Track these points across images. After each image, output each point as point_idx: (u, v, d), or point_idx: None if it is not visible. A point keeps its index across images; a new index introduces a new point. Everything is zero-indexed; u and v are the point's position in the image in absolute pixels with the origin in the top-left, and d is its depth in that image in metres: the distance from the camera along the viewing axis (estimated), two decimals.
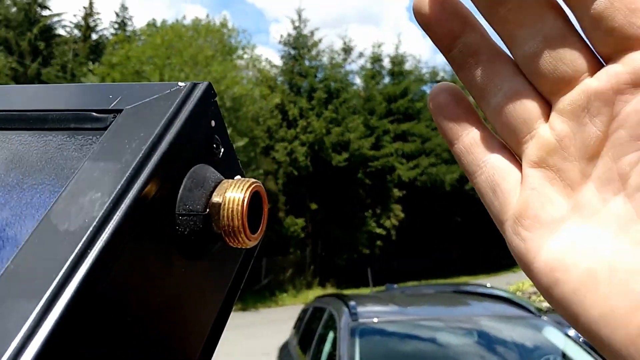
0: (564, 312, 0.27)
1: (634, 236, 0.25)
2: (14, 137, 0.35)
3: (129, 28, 23.14)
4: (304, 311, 4.88)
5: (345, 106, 20.46)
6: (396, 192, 20.89)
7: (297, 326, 4.85)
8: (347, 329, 3.04)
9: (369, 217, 20.38)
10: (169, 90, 0.33)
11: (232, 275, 0.38)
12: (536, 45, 0.27)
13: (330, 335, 3.38)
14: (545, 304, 6.96)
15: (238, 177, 0.34)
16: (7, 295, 0.24)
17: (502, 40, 0.28)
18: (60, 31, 22.36)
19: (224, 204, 0.31)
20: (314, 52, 21.32)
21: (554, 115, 0.27)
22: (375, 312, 3.34)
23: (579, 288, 0.26)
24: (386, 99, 21.93)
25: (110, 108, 0.33)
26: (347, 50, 22.58)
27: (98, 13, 25.01)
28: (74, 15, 27.42)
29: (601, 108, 0.26)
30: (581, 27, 0.26)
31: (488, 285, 5.43)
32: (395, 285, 5.45)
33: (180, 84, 0.33)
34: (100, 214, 0.26)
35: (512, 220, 0.28)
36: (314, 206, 19.41)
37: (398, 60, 23.44)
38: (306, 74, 20.78)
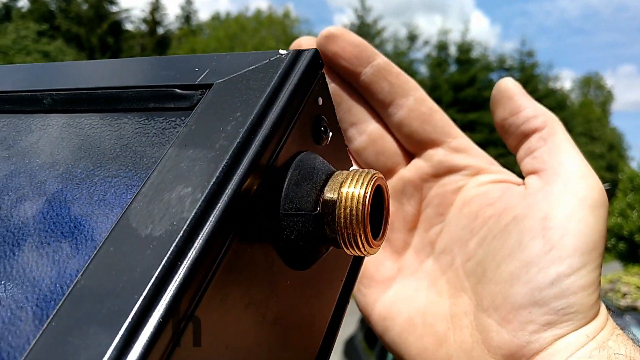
0: (394, 353, 0.34)
1: (440, 288, 0.33)
2: (82, 120, 0.30)
3: (194, 22, 23.50)
4: None
5: None
6: None
7: (362, 321, 4.67)
8: None
9: None
10: (267, 60, 0.27)
11: (340, 286, 0.32)
12: (363, 141, 0.35)
13: None
14: (623, 303, 6.52)
15: (354, 167, 0.31)
16: (77, 321, 0.18)
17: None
18: (128, 26, 22.93)
19: (340, 202, 0.25)
20: (377, 41, 21.01)
21: None
22: None
23: (402, 332, 0.33)
24: (453, 87, 21.40)
25: (197, 83, 0.27)
26: (412, 38, 22.18)
27: (164, 8, 25.50)
28: (141, 11, 28.07)
29: (413, 192, 0.35)
30: (391, 130, 0.35)
31: None
32: None
33: (281, 51, 0.28)
34: (192, 214, 0.20)
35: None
36: None
37: (465, 48, 22.82)
38: None
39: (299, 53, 0.27)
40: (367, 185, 0.24)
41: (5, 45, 14.77)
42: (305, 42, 0.35)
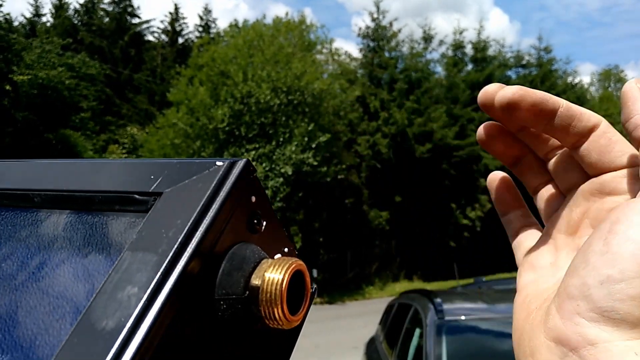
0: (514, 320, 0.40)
1: (559, 276, 0.37)
2: (64, 217, 0.38)
3: (213, 30, 23.79)
4: (389, 307, 4.86)
5: (427, 96, 20.22)
6: (482, 182, 20.37)
7: (383, 321, 4.84)
8: (433, 326, 3.00)
9: (455, 209, 20.04)
10: (206, 171, 0.33)
11: (280, 350, 0.38)
12: (554, 162, 0.42)
13: (417, 332, 3.35)
14: None
15: (278, 255, 0.35)
16: None
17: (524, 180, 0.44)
18: (149, 37, 23.33)
19: (263, 286, 0.31)
20: (393, 43, 21.17)
21: (572, 202, 0.40)
22: (462, 309, 3.28)
23: (519, 304, 0.40)
24: (469, 86, 21.41)
25: (151, 191, 0.34)
26: (428, 38, 22.25)
27: (184, 17, 25.85)
28: (161, 22, 28.49)
29: (582, 202, 0.39)
30: (575, 158, 0.39)
31: None
32: (484, 278, 5.33)
33: (218, 162, 0.34)
34: (137, 310, 0.26)
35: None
36: (398, 198, 19.32)
37: (481, 47, 22.86)
38: (386, 65, 20.66)
39: (232, 163, 0.33)
40: (285, 271, 0.31)
41: (31, 60, 15.23)
42: (492, 90, 0.40)
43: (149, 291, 0.27)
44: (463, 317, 3.12)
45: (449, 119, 20.15)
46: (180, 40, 23.76)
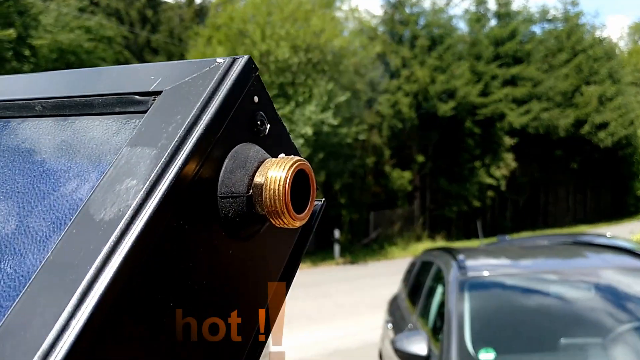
0: None
1: None
2: (65, 123, 0.37)
3: None
4: (412, 264, 4.81)
5: (450, 52, 19.74)
6: (507, 140, 20.08)
7: (405, 279, 4.79)
8: (455, 282, 2.92)
9: (479, 168, 19.76)
10: (207, 68, 0.33)
11: (288, 253, 0.37)
12: None
13: (439, 289, 3.28)
14: None
15: (282, 155, 0.34)
16: (44, 288, 0.25)
17: None
18: None
19: (266, 184, 0.30)
20: None
21: None
22: (485, 266, 3.20)
23: None
24: (493, 42, 20.93)
25: (150, 90, 0.34)
26: None
27: None
28: None
29: None
30: None
31: (608, 234, 5.04)
32: (507, 237, 5.20)
33: (218, 60, 0.33)
34: (135, 202, 0.26)
35: None
36: (420, 158, 19.10)
37: (504, 1, 22.20)
38: (407, 21, 20.17)
39: (233, 60, 0.33)
40: (288, 169, 0.30)
41: (48, 24, 15.09)
42: None
43: (148, 182, 0.27)
44: (486, 273, 3.03)
45: (472, 76, 19.73)
46: (198, 0, 23.47)
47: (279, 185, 0.30)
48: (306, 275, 10.77)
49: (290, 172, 0.30)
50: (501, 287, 3.00)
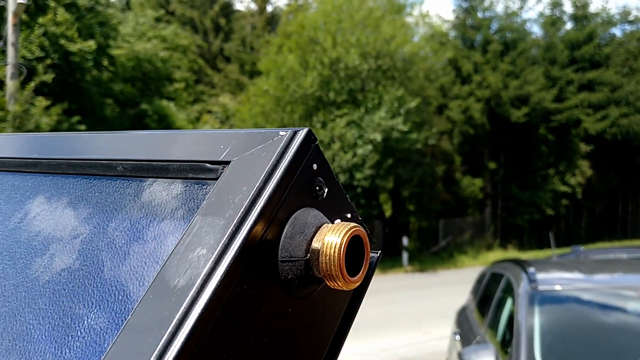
0: None
1: None
2: (144, 184, 0.41)
3: None
4: (482, 276, 4.75)
5: (523, 57, 19.30)
6: (582, 147, 19.40)
7: (475, 290, 4.73)
8: (525, 296, 2.87)
9: (552, 175, 19.17)
10: (270, 140, 0.36)
11: (342, 311, 0.39)
12: None
13: (509, 301, 3.23)
14: None
15: (338, 221, 0.37)
16: (126, 349, 0.29)
17: None
18: (239, 6, 23.60)
19: (323, 250, 0.33)
20: (487, 2, 20.27)
21: None
22: (557, 279, 3.12)
23: None
24: (569, 46, 20.29)
25: (220, 160, 0.37)
26: None
27: None
28: None
29: None
30: None
31: None
32: (582, 248, 5.04)
33: (281, 132, 0.36)
34: (205, 270, 0.29)
35: None
36: (492, 165, 18.72)
37: (581, 3, 21.48)
38: (479, 26, 19.85)
39: (295, 133, 0.36)
40: (343, 235, 0.33)
41: (126, 34, 15.71)
42: None
43: (216, 252, 0.30)
44: (558, 287, 2.95)
45: (546, 81, 19.21)
46: (269, 8, 23.88)
47: (334, 251, 0.32)
48: (374, 282, 10.60)
49: (346, 238, 0.33)
50: (574, 301, 2.93)
